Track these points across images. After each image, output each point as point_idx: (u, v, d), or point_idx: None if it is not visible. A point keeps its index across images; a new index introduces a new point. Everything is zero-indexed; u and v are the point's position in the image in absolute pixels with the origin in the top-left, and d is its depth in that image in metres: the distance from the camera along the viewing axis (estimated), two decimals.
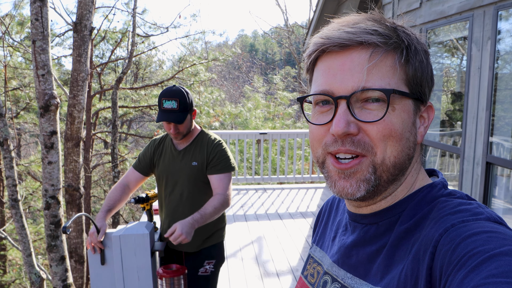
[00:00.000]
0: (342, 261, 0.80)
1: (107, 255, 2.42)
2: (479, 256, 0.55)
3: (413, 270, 0.64)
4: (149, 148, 2.61)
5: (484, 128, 3.40)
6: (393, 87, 0.67)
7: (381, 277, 0.70)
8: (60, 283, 5.08)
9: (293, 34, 19.92)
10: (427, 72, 0.72)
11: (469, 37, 3.58)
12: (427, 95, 0.74)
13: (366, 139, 0.68)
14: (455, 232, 0.61)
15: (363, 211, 0.77)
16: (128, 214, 16.88)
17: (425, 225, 0.67)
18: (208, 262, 2.58)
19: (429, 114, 0.75)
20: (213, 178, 2.48)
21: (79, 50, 6.16)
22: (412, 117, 0.71)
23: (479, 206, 0.66)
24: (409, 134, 0.70)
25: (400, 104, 0.69)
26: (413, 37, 0.71)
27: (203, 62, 13.77)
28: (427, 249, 0.63)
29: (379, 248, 0.72)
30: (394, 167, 0.69)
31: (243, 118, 13.07)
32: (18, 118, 14.08)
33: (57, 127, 4.85)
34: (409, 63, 0.69)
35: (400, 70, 0.69)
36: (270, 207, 6.30)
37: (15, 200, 5.95)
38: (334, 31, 0.69)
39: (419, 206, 0.71)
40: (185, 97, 2.42)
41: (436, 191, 0.72)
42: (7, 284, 13.22)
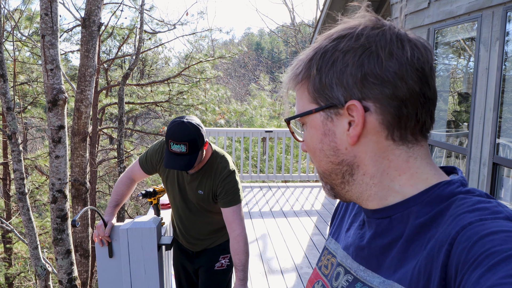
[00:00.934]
0: (355, 254, 0.80)
1: (114, 248, 2.45)
2: (496, 256, 0.55)
3: (426, 266, 0.64)
4: (157, 154, 2.44)
5: (491, 128, 3.39)
6: (300, 111, 0.77)
7: (394, 270, 0.70)
8: (65, 277, 5.12)
9: (300, 33, 19.90)
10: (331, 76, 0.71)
11: (477, 38, 3.57)
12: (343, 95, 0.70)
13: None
14: (472, 230, 0.60)
15: (370, 206, 0.78)
16: (133, 210, 16.95)
17: (441, 221, 0.67)
18: (223, 257, 2.59)
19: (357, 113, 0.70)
20: (225, 210, 2.34)
21: (87, 46, 6.19)
22: (321, 128, 0.75)
23: (498, 205, 0.65)
24: (321, 145, 0.76)
25: (308, 121, 0.77)
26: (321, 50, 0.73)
27: (210, 59, 13.78)
28: (443, 246, 0.62)
29: (391, 241, 0.72)
30: (324, 173, 0.79)
31: (248, 116, 13.08)
32: (25, 113, 14.16)
33: (65, 122, 4.88)
34: (308, 81, 0.74)
35: (302, 92, 0.77)
36: (274, 205, 6.32)
37: (22, 193, 6.00)
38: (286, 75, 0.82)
39: (436, 201, 0.70)
40: (196, 138, 2.16)
41: (454, 188, 0.71)
42: (13, 276, 13.31)
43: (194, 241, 2.57)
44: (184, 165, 2.13)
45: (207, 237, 2.56)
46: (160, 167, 2.45)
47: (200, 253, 2.60)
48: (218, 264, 2.58)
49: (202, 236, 2.55)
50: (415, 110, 0.72)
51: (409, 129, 0.72)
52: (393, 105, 0.70)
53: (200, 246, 2.58)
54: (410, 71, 0.70)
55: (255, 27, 77.55)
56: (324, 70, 0.72)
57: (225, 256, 2.59)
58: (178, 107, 14.65)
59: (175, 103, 14.05)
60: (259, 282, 3.97)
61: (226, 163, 2.37)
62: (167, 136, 2.16)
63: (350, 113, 0.71)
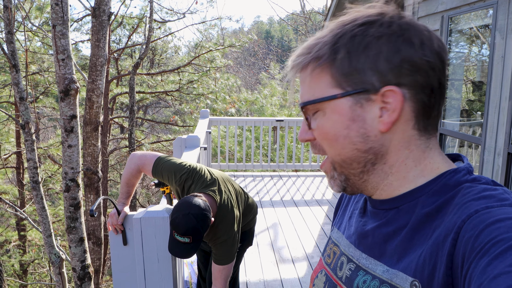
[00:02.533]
0: (358, 242, 0.81)
1: (128, 236, 2.47)
2: (503, 244, 0.54)
3: (432, 255, 0.64)
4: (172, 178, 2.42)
5: (506, 118, 3.35)
6: (317, 96, 0.73)
7: (398, 259, 0.69)
8: (78, 264, 5.19)
9: (310, 20, 19.73)
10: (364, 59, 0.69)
11: (492, 25, 3.51)
12: (378, 81, 0.69)
13: (318, 143, 0.77)
14: (478, 218, 0.60)
15: (378, 196, 0.78)
16: (144, 199, 17.08)
17: (447, 210, 0.67)
18: None
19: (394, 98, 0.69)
20: (214, 267, 2.43)
21: (97, 35, 6.20)
22: (349, 114, 0.71)
23: (504, 192, 0.65)
24: (346, 131, 0.72)
25: (329, 108, 0.73)
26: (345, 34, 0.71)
27: (219, 48, 13.75)
28: (449, 235, 0.62)
29: (396, 230, 0.72)
30: (344, 162, 0.75)
31: (259, 105, 13.05)
32: (37, 102, 14.27)
33: (77, 111, 4.91)
34: (333, 64, 0.71)
35: (322, 76, 0.73)
36: (285, 194, 6.33)
37: (36, 182, 6.06)
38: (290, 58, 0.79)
39: (442, 191, 0.70)
40: (199, 229, 2.11)
41: (460, 176, 0.71)
42: (27, 263, 13.54)
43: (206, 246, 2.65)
44: (187, 254, 2.14)
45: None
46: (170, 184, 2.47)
47: None
48: None
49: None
50: (438, 100, 0.72)
51: (431, 119, 0.73)
52: (425, 93, 0.70)
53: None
54: (438, 61, 0.71)
55: (265, 15, 77.07)
56: (354, 54, 0.70)
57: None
58: (188, 96, 14.66)
59: (185, 92, 14.06)
60: (270, 271, 3.99)
61: (225, 228, 2.37)
62: (171, 225, 2.13)
63: (385, 99, 0.70)
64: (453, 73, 4.50)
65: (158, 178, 2.46)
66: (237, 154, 9.04)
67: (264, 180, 7.09)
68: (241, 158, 10.07)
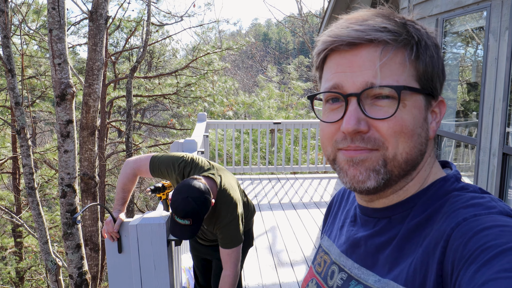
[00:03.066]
0: (350, 251, 0.80)
1: (124, 243, 2.46)
2: (491, 251, 0.55)
3: (422, 263, 0.64)
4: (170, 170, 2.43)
5: (500, 119, 3.36)
6: (403, 83, 0.67)
7: (389, 268, 0.70)
8: (75, 271, 5.17)
9: (307, 23, 19.77)
10: (438, 67, 0.72)
11: (486, 27, 3.52)
12: (439, 89, 0.73)
13: (377, 135, 0.68)
14: (467, 226, 0.61)
15: (374, 205, 0.77)
16: (142, 203, 17.06)
17: (437, 219, 0.67)
18: None
19: (441, 109, 0.75)
20: (222, 251, 2.40)
21: (94, 39, 6.20)
22: (424, 113, 0.71)
23: (492, 200, 0.66)
24: (420, 130, 0.70)
25: (411, 100, 0.69)
26: (423, 32, 0.71)
27: (217, 51, 13.74)
28: (438, 243, 0.63)
29: (388, 240, 0.73)
30: (406, 163, 0.69)
31: (256, 108, 13.05)
32: (33, 107, 14.24)
33: (73, 116, 4.90)
34: (419, 59, 0.69)
35: (410, 66, 0.69)
36: (283, 197, 6.32)
37: (31, 188, 6.05)
38: (343, 29, 0.69)
39: (431, 200, 0.71)
40: (199, 212, 2.14)
41: (448, 185, 0.72)
42: (23, 270, 13.48)
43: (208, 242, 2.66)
44: (189, 236, 2.16)
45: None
46: (170, 178, 2.46)
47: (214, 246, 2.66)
48: None
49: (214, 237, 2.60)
50: None
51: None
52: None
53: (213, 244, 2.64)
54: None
55: (263, 17, 77.16)
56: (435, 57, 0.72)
57: None
58: (186, 99, 14.65)
59: (183, 95, 14.06)
60: (269, 274, 3.98)
61: (227, 210, 2.36)
62: (172, 208, 2.15)
63: (435, 108, 0.74)
64: (448, 74, 4.51)
65: (157, 176, 2.46)
66: (235, 157, 9.03)
67: (262, 183, 7.08)
68: (239, 161, 10.07)
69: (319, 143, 10.17)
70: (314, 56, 0.76)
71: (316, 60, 0.76)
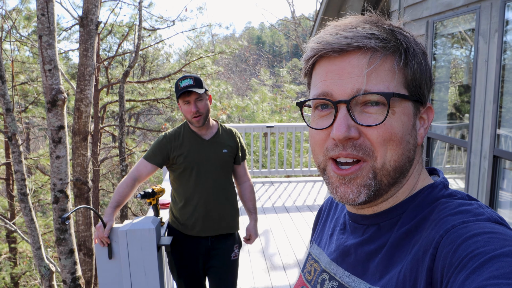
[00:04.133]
0: (341, 260, 0.80)
1: (114, 249, 2.45)
2: (480, 258, 0.55)
3: (412, 270, 0.64)
4: (166, 143, 2.61)
5: (491, 121, 3.37)
6: (392, 90, 0.67)
7: (380, 276, 0.70)
8: (69, 276, 5.14)
9: (300, 26, 19.82)
10: (425, 74, 0.72)
11: (476, 30, 3.54)
12: (426, 96, 0.73)
13: (367, 143, 0.68)
14: (455, 233, 0.61)
15: (363, 212, 0.77)
16: (137, 207, 17.00)
17: (425, 226, 0.67)
18: (235, 246, 2.77)
19: (429, 115, 0.75)
20: (241, 166, 2.80)
21: (85, 45, 6.18)
22: (412, 120, 0.71)
23: (479, 207, 0.66)
24: (409, 137, 0.70)
25: (400, 107, 0.69)
26: (411, 39, 0.71)
27: (210, 55, 13.76)
28: (427, 250, 0.63)
29: (377, 248, 0.73)
30: (394, 171, 0.69)
31: (250, 111, 13.06)
32: (26, 112, 14.18)
33: (65, 122, 4.88)
34: (408, 65, 0.69)
35: (399, 73, 0.69)
36: (277, 200, 6.32)
37: (23, 194, 6.01)
38: (332, 35, 0.69)
39: (419, 207, 0.71)
40: (200, 78, 2.53)
41: (436, 192, 0.72)
42: (18, 276, 13.39)
43: (217, 222, 2.66)
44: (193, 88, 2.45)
45: (228, 213, 2.70)
46: (175, 151, 2.60)
47: (218, 243, 2.69)
48: (233, 254, 2.75)
49: (222, 211, 2.67)
50: None
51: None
52: None
53: (222, 226, 2.68)
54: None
55: (256, 21, 77.36)
56: (423, 64, 0.72)
57: (236, 246, 2.78)
58: None
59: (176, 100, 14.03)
60: (261, 278, 3.98)
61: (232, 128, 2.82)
62: (176, 82, 2.54)
63: (422, 115, 0.74)
64: (440, 77, 4.53)
65: (158, 162, 2.59)
66: None
67: (256, 187, 7.07)
68: None
69: None
70: (303, 62, 0.76)
71: (305, 66, 0.75)
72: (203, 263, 2.71)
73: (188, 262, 2.68)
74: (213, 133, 2.68)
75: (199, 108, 2.50)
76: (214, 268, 2.69)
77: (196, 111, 2.49)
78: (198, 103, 2.50)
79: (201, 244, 2.66)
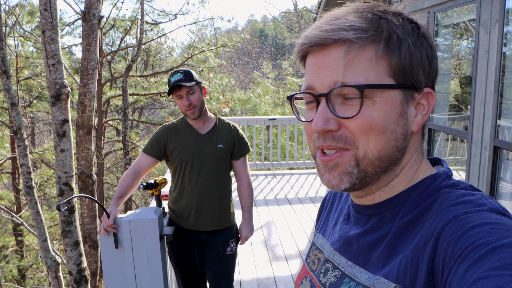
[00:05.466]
0: (343, 249, 0.80)
1: (119, 238, 2.49)
2: (482, 248, 0.55)
3: (413, 260, 0.64)
4: (163, 134, 2.64)
5: (491, 112, 3.38)
6: (372, 81, 0.67)
7: (381, 266, 0.70)
8: (75, 267, 5.21)
9: (303, 18, 19.75)
10: (419, 58, 0.70)
11: (477, 20, 3.55)
12: (423, 81, 0.71)
13: (347, 134, 0.68)
14: (457, 223, 0.61)
15: (364, 201, 0.78)
16: (141, 200, 17.09)
17: (427, 216, 0.67)
18: (231, 241, 2.75)
19: (429, 101, 0.72)
20: (238, 162, 2.75)
21: (88, 39, 6.21)
22: (399, 108, 0.69)
23: (482, 197, 0.66)
24: (394, 126, 0.69)
25: (382, 97, 0.68)
26: (397, 24, 0.69)
27: (212, 48, 13.75)
28: (429, 241, 0.63)
29: (380, 237, 0.73)
30: (379, 160, 0.69)
31: (252, 104, 13.07)
32: (31, 107, 14.25)
33: (69, 116, 4.93)
34: (393, 53, 0.68)
35: (381, 62, 0.68)
36: (279, 192, 6.36)
37: (29, 187, 6.08)
38: (313, 30, 0.70)
39: (422, 197, 0.71)
40: (190, 72, 2.55)
41: (439, 182, 0.71)
42: (25, 268, 13.53)
43: (209, 217, 2.65)
44: (183, 83, 2.47)
45: (219, 210, 2.68)
46: (171, 143, 2.63)
47: (212, 237, 2.69)
48: (229, 249, 2.73)
49: (215, 207, 2.66)
50: None
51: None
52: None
53: (213, 222, 2.67)
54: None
55: (259, 14, 77.05)
56: (414, 49, 0.70)
57: (233, 241, 2.76)
58: None
59: None
60: (263, 268, 4.02)
61: (231, 123, 2.79)
62: (168, 79, 2.55)
63: (421, 101, 0.72)
64: (441, 68, 4.53)
65: (156, 153, 2.62)
66: None
67: (259, 179, 7.11)
68: None
69: None
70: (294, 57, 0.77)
71: (296, 61, 0.77)
72: (199, 256, 2.73)
73: (184, 254, 2.71)
74: (210, 127, 2.68)
75: (191, 101, 2.51)
76: (209, 262, 2.72)
77: (189, 104, 2.51)
78: (190, 96, 2.51)
79: (196, 237, 2.69)
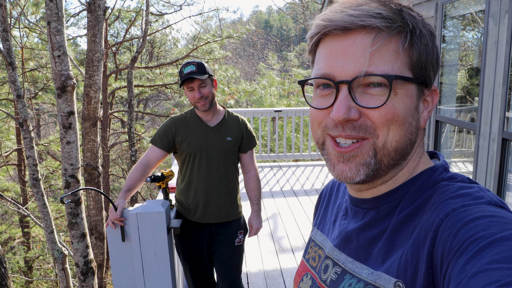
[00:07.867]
0: (343, 245, 0.80)
1: (126, 231, 2.50)
2: (480, 242, 0.55)
3: (413, 254, 0.64)
4: (171, 126, 2.64)
5: (500, 104, 3.35)
6: (396, 72, 0.66)
7: (382, 261, 0.70)
8: (81, 259, 5.24)
9: (308, 9, 19.63)
10: (432, 56, 0.70)
11: (486, 11, 3.50)
12: (432, 79, 0.72)
13: (368, 123, 0.67)
14: (456, 217, 0.60)
15: (363, 195, 0.77)
16: (146, 192, 17.14)
17: (425, 210, 0.67)
18: (240, 232, 2.77)
19: (433, 98, 0.74)
20: (246, 155, 2.76)
21: (93, 30, 6.19)
22: (415, 102, 0.69)
23: (480, 190, 0.65)
24: (411, 119, 0.69)
25: (403, 89, 0.67)
26: (418, 19, 0.69)
27: (218, 40, 13.69)
28: (428, 234, 0.62)
29: (379, 233, 0.72)
30: (395, 152, 0.69)
31: (258, 96, 13.03)
32: (36, 99, 14.27)
33: (74, 108, 4.93)
34: (413, 47, 0.68)
35: (403, 54, 0.67)
36: (285, 184, 6.36)
37: (36, 179, 6.10)
38: (337, 13, 0.68)
39: (420, 190, 0.71)
40: (203, 64, 2.54)
41: (437, 175, 0.71)
42: (32, 260, 13.64)
43: (217, 210, 2.67)
44: (196, 76, 2.46)
45: (227, 202, 2.69)
46: (179, 135, 2.62)
47: (221, 229, 2.71)
48: (237, 240, 2.75)
49: (222, 199, 2.67)
50: None
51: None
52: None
53: (221, 214, 2.69)
54: None
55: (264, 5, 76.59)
56: (430, 46, 0.70)
57: (241, 232, 2.78)
58: None
59: None
60: (270, 261, 4.03)
61: (239, 116, 2.81)
62: (180, 69, 2.55)
63: (427, 97, 0.73)
64: (449, 59, 4.49)
65: (165, 145, 2.62)
66: None
67: (264, 171, 7.11)
68: None
69: None
70: (308, 39, 0.74)
71: (309, 43, 0.74)
72: (207, 248, 2.74)
73: (193, 246, 2.73)
74: (218, 120, 2.68)
75: (203, 93, 2.51)
76: (217, 253, 2.73)
77: (200, 97, 2.51)
78: (201, 89, 2.51)
79: (205, 229, 2.70)
